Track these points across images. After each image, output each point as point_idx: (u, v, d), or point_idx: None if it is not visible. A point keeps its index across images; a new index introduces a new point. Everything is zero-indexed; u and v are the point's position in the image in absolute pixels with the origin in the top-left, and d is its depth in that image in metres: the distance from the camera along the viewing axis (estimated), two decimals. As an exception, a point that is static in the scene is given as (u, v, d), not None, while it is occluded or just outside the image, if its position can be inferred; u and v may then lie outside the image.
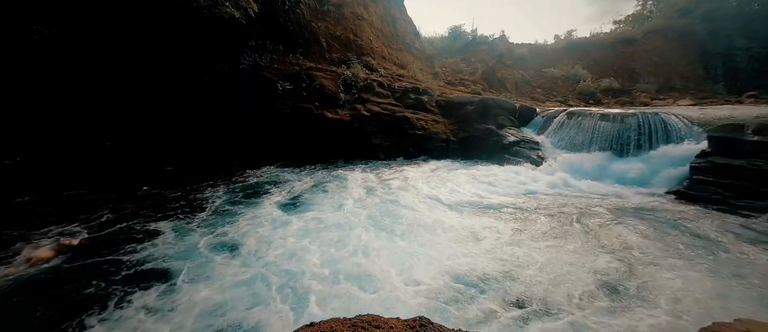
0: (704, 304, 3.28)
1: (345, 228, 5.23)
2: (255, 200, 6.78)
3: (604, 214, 5.92)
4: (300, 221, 5.59)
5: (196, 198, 6.83)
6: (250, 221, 5.61)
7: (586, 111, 11.22)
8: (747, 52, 20.67)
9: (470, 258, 4.27)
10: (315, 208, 6.31)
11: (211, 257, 4.34)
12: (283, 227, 5.31)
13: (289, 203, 6.65)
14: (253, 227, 5.32)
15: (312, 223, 5.50)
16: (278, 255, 4.37)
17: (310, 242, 4.73)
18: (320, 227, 5.33)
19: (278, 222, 5.55)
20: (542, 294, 3.47)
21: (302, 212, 6.06)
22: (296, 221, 5.59)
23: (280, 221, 5.59)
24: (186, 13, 8.82)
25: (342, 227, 5.30)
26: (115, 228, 5.20)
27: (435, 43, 27.39)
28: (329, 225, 5.38)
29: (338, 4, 14.86)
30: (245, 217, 5.81)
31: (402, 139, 11.80)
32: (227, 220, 5.66)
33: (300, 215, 5.88)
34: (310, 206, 6.41)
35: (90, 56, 7.95)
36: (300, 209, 6.26)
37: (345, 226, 5.32)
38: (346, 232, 5.07)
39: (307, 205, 6.51)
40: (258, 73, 10.85)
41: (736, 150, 6.78)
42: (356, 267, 4.02)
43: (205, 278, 3.83)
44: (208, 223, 5.53)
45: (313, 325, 2.02)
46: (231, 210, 6.17)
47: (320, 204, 6.52)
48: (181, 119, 9.42)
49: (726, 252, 4.33)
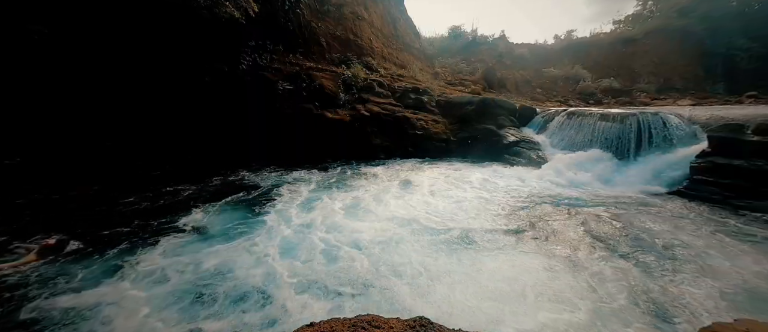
0: (704, 304, 3.28)
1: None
2: (258, 211, 6.10)
3: (605, 214, 5.91)
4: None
5: (185, 204, 6.31)
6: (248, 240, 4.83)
7: (586, 111, 11.22)
8: (747, 52, 20.66)
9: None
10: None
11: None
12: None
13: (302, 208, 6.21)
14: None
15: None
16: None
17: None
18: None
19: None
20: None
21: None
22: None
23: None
24: (186, 13, 8.82)
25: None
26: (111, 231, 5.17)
27: (435, 43, 27.40)
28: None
29: (338, 4, 14.86)
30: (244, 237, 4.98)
31: (402, 139, 11.80)
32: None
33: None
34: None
35: (89, 56, 7.95)
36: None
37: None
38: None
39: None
40: (258, 73, 10.85)
41: (736, 150, 6.78)
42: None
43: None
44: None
45: (313, 325, 2.02)
46: (224, 229, 5.23)
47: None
48: (180, 120, 9.42)
49: (725, 252, 4.33)
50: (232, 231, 5.13)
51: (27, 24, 7.00)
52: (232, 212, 6.01)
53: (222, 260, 4.21)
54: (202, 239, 4.82)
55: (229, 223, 5.45)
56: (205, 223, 5.43)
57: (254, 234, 4.99)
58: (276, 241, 4.79)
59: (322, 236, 4.95)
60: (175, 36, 9.01)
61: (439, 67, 22.36)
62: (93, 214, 5.68)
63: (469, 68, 23.31)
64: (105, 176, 7.44)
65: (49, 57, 7.41)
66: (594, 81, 21.91)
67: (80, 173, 7.21)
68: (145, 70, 8.74)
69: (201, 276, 3.84)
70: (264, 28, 10.99)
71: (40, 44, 7.18)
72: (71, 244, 4.47)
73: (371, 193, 7.16)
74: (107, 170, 7.73)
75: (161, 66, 8.96)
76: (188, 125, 9.53)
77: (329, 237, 4.89)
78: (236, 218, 5.70)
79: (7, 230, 4.76)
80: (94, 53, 7.99)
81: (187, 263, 4.13)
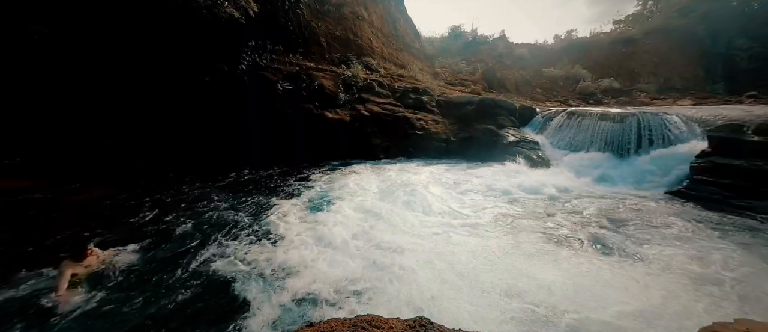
0: (703, 304, 3.28)
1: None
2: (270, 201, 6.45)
3: (605, 215, 5.91)
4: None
5: (186, 205, 6.22)
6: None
7: (587, 111, 11.22)
8: (747, 52, 20.68)
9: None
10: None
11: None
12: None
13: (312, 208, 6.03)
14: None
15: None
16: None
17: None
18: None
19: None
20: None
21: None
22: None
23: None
24: (185, 13, 8.82)
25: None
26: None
27: (435, 43, 27.42)
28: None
29: (338, 4, 14.86)
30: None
31: (402, 139, 11.80)
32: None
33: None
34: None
35: (89, 56, 7.95)
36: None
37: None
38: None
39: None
40: (258, 73, 10.85)
41: (736, 150, 6.78)
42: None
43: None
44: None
45: (313, 325, 2.02)
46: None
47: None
48: (179, 120, 9.42)
49: (725, 252, 4.33)
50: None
51: (27, 24, 7.00)
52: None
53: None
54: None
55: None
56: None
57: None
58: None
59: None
60: (175, 36, 9.01)
61: (439, 67, 22.37)
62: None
63: (469, 68, 23.32)
64: (111, 177, 7.43)
65: (49, 57, 7.42)
66: (594, 81, 21.93)
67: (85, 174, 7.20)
68: (144, 71, 8.74)
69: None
70: (264, 28, 10.99)
71: (39, 45, 7.18)
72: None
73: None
74: (106, 170, 7.73)
75: (160, 66, 8.96)
76: (188, 126, 9.53)
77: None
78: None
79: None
80: (94, 53, 8.00)
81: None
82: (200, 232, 5.01)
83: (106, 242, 4.48)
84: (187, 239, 4.75)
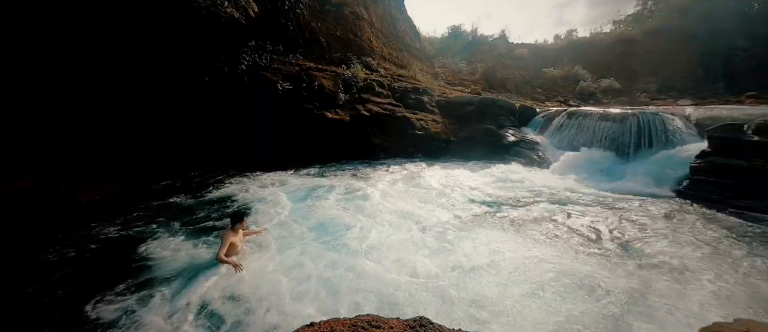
0: (702, 304, 3.28)
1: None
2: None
3: (605, 215, 5.91)
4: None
5: (177, 208, 6.19)
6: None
7: (587, 111, 11.21)
8: (747, 52, 20.65)
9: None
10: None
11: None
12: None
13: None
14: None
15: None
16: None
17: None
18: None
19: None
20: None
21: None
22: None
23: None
24: (185, 13, 8.82)
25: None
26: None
27: (435, 43, 27.39)
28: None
29: (338, 4, 14.86)
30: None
31: (402, 139, 11.80)
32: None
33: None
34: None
35: (89, 56, 7.95)
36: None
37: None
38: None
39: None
40: (258, 73, 10.86)
41: (736, 150, 6.77)
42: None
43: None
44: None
45: (313, 325, 2.02)
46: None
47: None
48: (179, 120, 9.42)
49: (724, 252, 4.33)
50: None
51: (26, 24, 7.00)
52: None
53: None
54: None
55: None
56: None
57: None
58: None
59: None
60: (175, 36, 9.01)
61: (439, 67, 22.36)
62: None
63: (469, 68, 23.32)
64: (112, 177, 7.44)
65: (49, 57, 7.41)
66: (594, 81, 21.90)
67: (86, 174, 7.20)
68: (143, 71, 8.74)
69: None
70: (264, 28, 11.01)
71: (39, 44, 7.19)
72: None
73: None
74: (107, 170, 7.73)
75: (160, 66, 8.96)
76: (187, 126, 9.53)
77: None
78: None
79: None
80: (93, 53, 8.00)
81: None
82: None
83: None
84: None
